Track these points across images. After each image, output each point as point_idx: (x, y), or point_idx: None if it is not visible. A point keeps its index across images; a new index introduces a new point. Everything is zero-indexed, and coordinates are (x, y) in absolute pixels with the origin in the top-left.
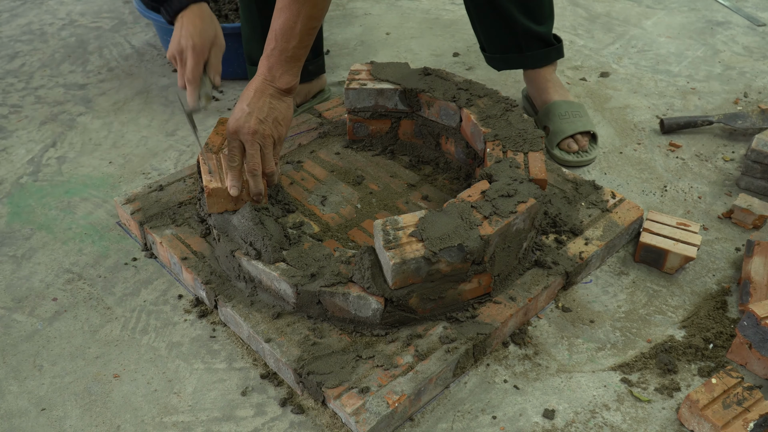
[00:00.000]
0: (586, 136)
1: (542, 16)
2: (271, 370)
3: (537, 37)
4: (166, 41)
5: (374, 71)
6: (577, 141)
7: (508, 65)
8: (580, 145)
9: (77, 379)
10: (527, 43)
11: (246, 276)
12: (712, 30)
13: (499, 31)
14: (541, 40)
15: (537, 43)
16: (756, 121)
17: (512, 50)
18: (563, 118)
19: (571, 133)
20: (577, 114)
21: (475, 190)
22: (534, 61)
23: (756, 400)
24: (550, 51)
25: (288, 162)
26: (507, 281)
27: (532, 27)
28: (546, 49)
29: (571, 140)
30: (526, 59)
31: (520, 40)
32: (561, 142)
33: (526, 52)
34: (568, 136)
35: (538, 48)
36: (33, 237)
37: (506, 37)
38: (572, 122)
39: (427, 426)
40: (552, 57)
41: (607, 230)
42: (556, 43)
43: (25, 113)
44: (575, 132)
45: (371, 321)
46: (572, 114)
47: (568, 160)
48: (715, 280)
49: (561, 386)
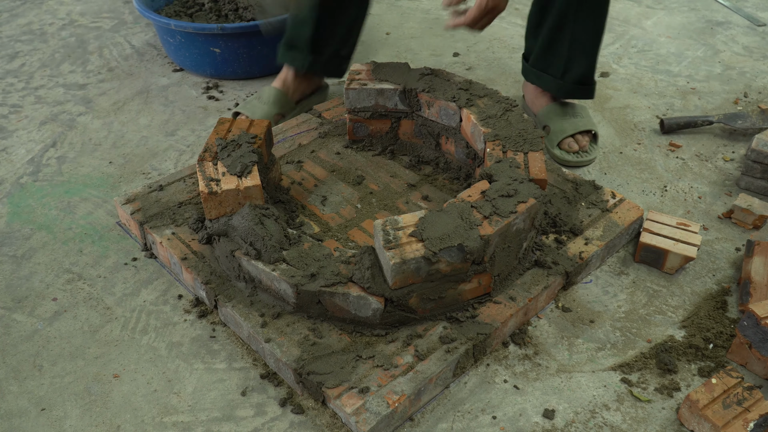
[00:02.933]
0: (587, 136)
1: (594, 45)
2: (271, 370)
3: (578, 68)
4: (166, 41)
5: (374, 71)
6: (578, 141)
7: (541, 84)
8: (580, 144)
9: (77, 379)
10: (566, 71)
11: (246, 276)
12: (712, 30)
13: (549, 47)
14: (581, 73)
15: (575, 75)
16: (756, 121)
17: (552, 73)
18: (564, 118)
19: (571, 132)
20: (579, 114)
21: (475, 190)
22: (566, 92)
23: (756, 400)
24: (585, 89)
25: (288, 162)
26: (507, 281)
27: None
28: (582, 86)
29: (572, 140)
30: (559, 87)
31: (561, 65)
32: (561, 141)
33: (560, 80)
34: (569, 136)
35: (574, 81)
36: (33, 237)
37: (552, 57)
38: (573, 122)
39: (427, 426)
40: (583, 95)
41: (607, 230)
42: (594, 82)
43: (25, 113)
44: (576, 131)
45: (371, 321)
46: (573, 113)
47: (568, 160)
48: (715, 280)
49: (561, 386)
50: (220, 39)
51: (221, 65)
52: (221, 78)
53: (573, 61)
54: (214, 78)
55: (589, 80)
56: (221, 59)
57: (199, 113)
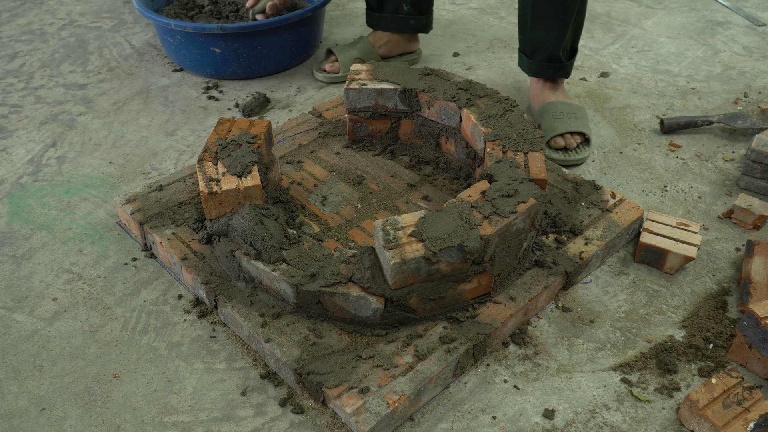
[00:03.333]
0: (578, 137)
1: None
2: (271, 370)
3: (543, 48)
4: (166, 41)
5: (374, 71)
6: (566, 139)
7: (521, 65)
8: (567, 143)
9: (77, 379)
10: (534, 50)
11: (246, 276)
12: (712, 30)
13: (524, 29)
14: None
15: (542, 54)
16: (756, 121)
17: (524, 52)
18: (557, 118)
19: (561, 131)
20: (574, 115)
21: (475, 190)
22: (534, 70)
23: (756, 400)
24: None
25: (288, 162)
26: (507, 281)
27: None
28: (548, 63)
29: (560, 138)
30: (528, 66)
31: (529, 45)
32: (550, 140)
33: (530, 59)
34: (558, 135)
35: (542, 60)
36: (33, 237)
37: (526, 38)
38: (565, 122)
39: (427, 426)
40: (549, 72)
41: (607, 230)
42: (564, 61)
43: (25, 113)
44: (566, 131)
45: (371, 321)
46: (568, 115)
47: (553, 158)
48: (715, 280)
49: (561, 386)
50: (220, 39)
51: (221, 65)
52: (221, 78)
53: (539, 40)
54: (214, 78)
55: (556, 58)
56: (221, 59)
57: (199, 113)
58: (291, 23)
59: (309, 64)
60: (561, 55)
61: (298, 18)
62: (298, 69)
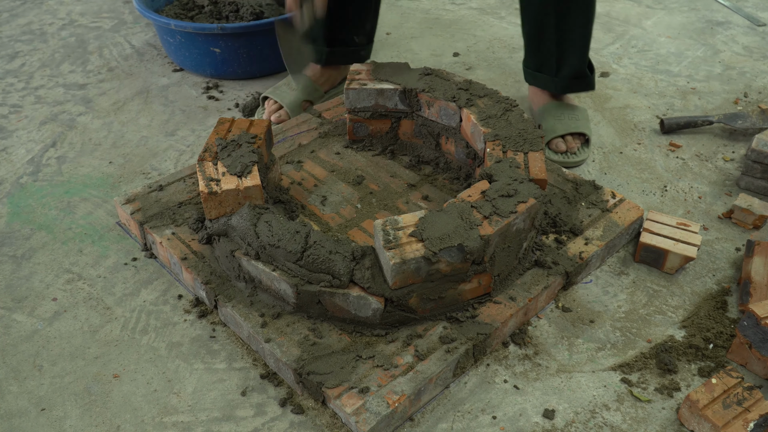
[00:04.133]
0: (579, 139)
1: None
2: (271, 370)
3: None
4: (166, 41)
5: (374, 71)
6: (567, 141)
7: (539, 83)
8: (569, 146)
9: (77, 379)
10: (559, 68)
11: (246, 276)
12: (712, 30)
13: (539, 47)
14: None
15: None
16: (756, 121)
17: (546, 71)
18: (557, 119)
19: (562, 132)
20: (574, 117)
21: (475, 190)
22: (562, 87)
23: (756, 400)
24: (580, 82)
25: (288, 162)
26: (507, 281)
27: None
28: (576, 79)
29: (560, 140)
30: (554, 83)
31: (553, 64)
32: (550, 141)
33: (555, 77)
34: (558, 136)
35: (569, 76)
36: (33, 237)
37: (544, 55)
38: (565, 123)
39: (427, 426)
40: (579, 87)
41: (607, 230)
42: (589, 75)
43: (25, 113)
44: (566, 132)
45: (371, 321)
46: (569, 115)
47: (553, 160)
48: (715, 280)
49: (561, 386)
50: (220, 39)
51: (221, 65)
52: (221, 78)
53: (564, 57)
54: (214, 78)
55: (583, 73)
56: (221, 59)
57: (199, 113)
58: (291, 23)
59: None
60: (586, 68)
61: None
62: None
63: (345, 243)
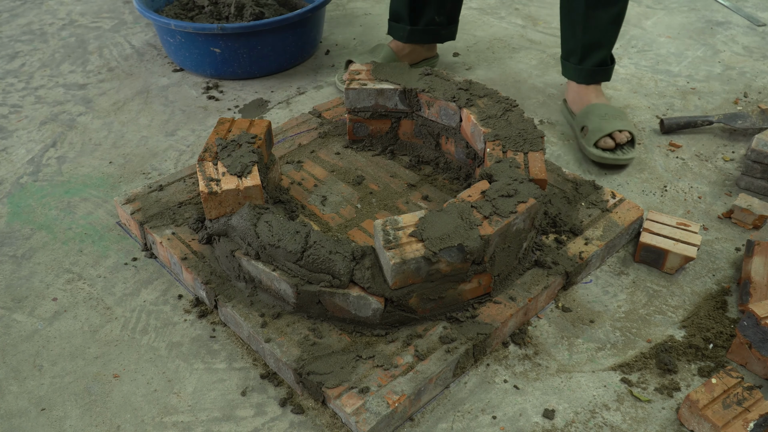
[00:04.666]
0: (626, 133)
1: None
2: (271, 370)
3: (595, 53)
4: (166, 41)
5: (374, 71)
6: (615, 137)
7: (566, 73)
8: (617, 140)
9: (77, 379)
10: (584, 57)
11: (246, 276)
12: (712, 30)
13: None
14: (599, 57)
15: (594, 59)
16: (756, 121)
17: (573, 60)
18: (603, 119)
19: (609, 131)
20: (618, 117)
21: (475, 190)
22: (585, 76)
23: (756, 400)
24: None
25: (288, 162)
26: (507, 281)
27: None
28: (599, 68)
29: (609, 138)
30: (579, 73)
31: (579, 52)
32: (599, 140)
33: (579, 65)
34: (606, 134)
35: (593, 65)
36: (33, 237)
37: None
38: (611, 122)
39: (427, 426)
40: (600, 77)
41: (607, 230)
42: (609, 64)
43: (25, 113)
44: (613, 130)
45: (371, 321)
46: (612, 116)
47: (605, 158)
48: (715, 280)
49: (561, 386)
50: (220, 39)
51: (221, 65)
52: (221, 78)
53: (590, 47)
54: (214, 78)
55: (607, 62)
56: (221, 59)
57: (199, 113)
58: (291, 23)
59: (309, 64)
60: (609, 59)
61: (298, 18)
62: (298, 69)
63: (345, 243)
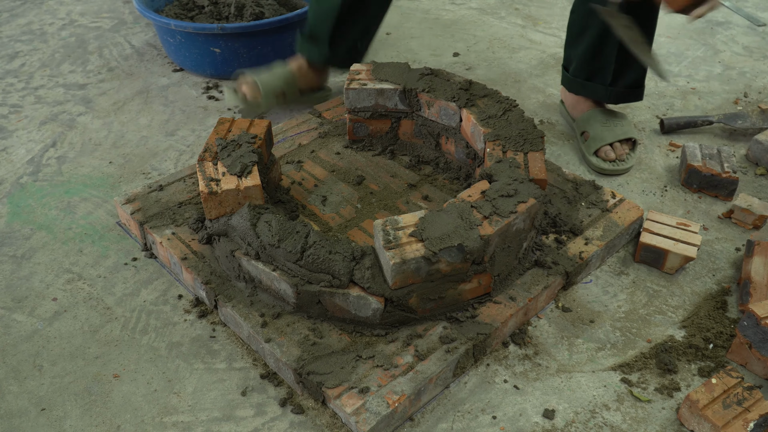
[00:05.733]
0: (626, 144)
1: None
2: (271, 370)
3: (630, 73)
4: (166, 41)
5: (374, 71)
6: (616, 149)
7: (587, 93)
8: (618, 153)
9: (77, 379)
10: (617, 77)
11: (246, 276)
12: (712, 30)
13: (595, 55)
14: (633, 77)
15: (627, 80)
16: (756, 121)
17: (599, 80)
18: (604, 126)
19: (611, 140)
20: (619, 122)
21: (475, 190)
22: (616, 97)
23: (756, 400)
24: (635, 92)
25: (288, 162)
26: (507, 281)
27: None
28: (632, 89)
29: (609, 148)
30: (609, 93)
31: (610, 72)
32: (599, 149)
33: (611, 86)
34: (607, 144)
35: (625, 86)
36: (33, 237)
37: (600, 64)
38: (612, 130)
39: (427, 426)
40: (632, 98)
41: (607, 230)
42: (642, 85)
43: (25, 113)
44: (615, 140)
45: (371, 321)
46: (614, 121)
47: (604, 168)
48: (715, 280)
49: (561, 386)
50: (220, 39)
51: (221, 65)
52: (221, 78)
53: (624, 67)
54: (214, 78)
55: (641, 83)
56: (221, 59)
57: (199, 113)
58: (291, 23)
59: None
60: (643, 79)
61: (298, 18)
62: None
63: (345, 243)
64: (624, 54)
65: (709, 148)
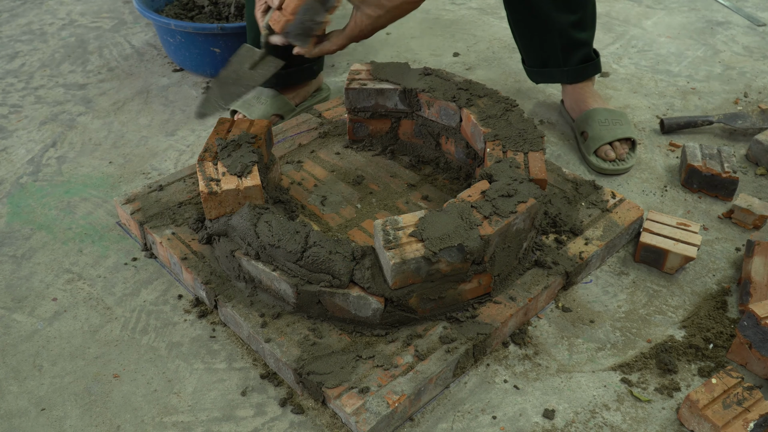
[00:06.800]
0: (626, 144)
1: (584, 26)
2: (271, 370)
3: (577, 51)
4: (166, 41)
5: (374, 71)
6: (615, 148)
7: (546, 79)
8: (617, 152)
9: (77, 379)
10: (567, 58)
11: (246, 276)
12: (712, 30)
13: (540, 44)
14: (582, 54)
15: (576, 58)
16: (756, 121)
17: (552, 64)
18: (603, 125)
19: (609, 140)
20: (618, 122)
21: (475, 190)
22: (574, 75)
23: (756, 400)
24: (588, 66)
25: (288, 162)
26: (507, 281)
27: (575, 36)
28: (584, 65)
29: (609, 147)
30: (565, 74)
31: (559, 54)
32: (599, 149)
33: (564, 67)
34: (606, 143)
35: (578, 63)
36: (33, 237)
37: (547, 50)
38: (611, 129)
39: (427, 426)
40: (589, 72)
41: (607, 230)
42: (595, 58)
43: (25, 113)
44: (614, 139)
45: (371, 321)
46: (612, 121)
47: (603, 168)
48: (715, 280)
49: (561, 386)
50: (220, 39)
51: (221, 65)
52: None
53: (570, 46)
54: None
55: (591, 56)
56: (221, 59)
57: None
58: None
59: None
60: (592, 52)
61: None
62: None
63: (345, 243)
64: (567, 36)
65: (709, 148)
